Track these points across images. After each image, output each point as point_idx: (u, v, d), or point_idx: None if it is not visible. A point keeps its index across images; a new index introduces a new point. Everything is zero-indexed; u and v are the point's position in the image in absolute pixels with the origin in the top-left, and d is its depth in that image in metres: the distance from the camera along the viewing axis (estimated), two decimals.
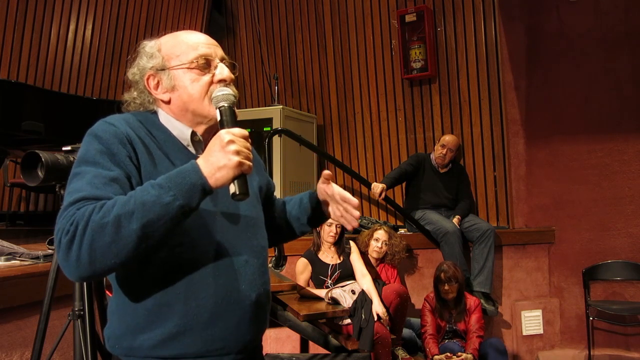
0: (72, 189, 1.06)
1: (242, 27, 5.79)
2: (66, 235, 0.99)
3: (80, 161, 1.10)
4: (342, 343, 3.00)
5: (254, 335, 1.22)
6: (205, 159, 1.04)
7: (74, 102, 3.89)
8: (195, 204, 1.04)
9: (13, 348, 2.15)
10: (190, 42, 1.22)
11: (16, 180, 4.34)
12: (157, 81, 1.22)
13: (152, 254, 1.10)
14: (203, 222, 1.15)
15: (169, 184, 1.01)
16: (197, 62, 1.19)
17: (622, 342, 4.00)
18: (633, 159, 4.08)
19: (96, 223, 0.98)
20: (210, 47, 1.23)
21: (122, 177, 1.09)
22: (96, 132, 1.13)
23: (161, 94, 1.22)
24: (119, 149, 1.10)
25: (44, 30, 4.64)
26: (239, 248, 1.20)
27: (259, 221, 1.30)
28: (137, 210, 0.98)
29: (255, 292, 1.19)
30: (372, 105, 5.10)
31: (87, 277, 1.03)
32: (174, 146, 1.21)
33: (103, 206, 1.00)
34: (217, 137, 1.05)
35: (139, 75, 1.24)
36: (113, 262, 0.99)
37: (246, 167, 1.04)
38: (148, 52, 1.24)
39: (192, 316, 1.12)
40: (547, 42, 4.31)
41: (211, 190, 1.05)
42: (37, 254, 2.41)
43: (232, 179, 1.04)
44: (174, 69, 1.20)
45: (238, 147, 1.03)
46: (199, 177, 1.02)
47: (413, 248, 4.13)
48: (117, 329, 1.16)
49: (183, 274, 1.13)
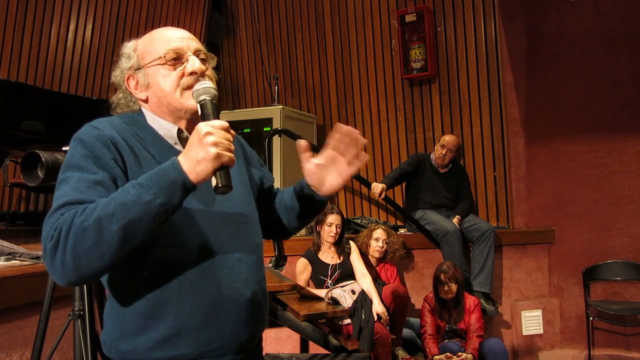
0: (58, 195, 1.06)
1: (242, 27, 5.79)
2: (50, 241, 0.99)
3: (65, 167, 1.10)
4: (342, 343, 3.00)
5: (251, 334, 1.21)
6: (185, 154, 1.03)
7: (74, 102, 3.89)
8: (177, 201, 1.02)
9: (13, 348, 2.15)
10: (162, 38, 1.22)
11: (16, 180, 4.34)
12: (136, 81, 1.23)
13: (144, 255, 1.09)
14: (194, 221, 1.15)
15: (149, 182, 1.00)
16: (166, 56, 1.19)
17: (622, 342, 4.00)
18: (633, 159, 4.08)
19: (78, 227, 0.97)
20: (183, 41, 1.22)
21: (107, 180, 1.08)
22: (80, 137, 1.13)
23: (139, 93, 1.23)
24: (103, 152, 1.10)
25: (44, 30, 4.64)
26: (232, 246, 1.19)
27: (252, 218, 1.28)
28: (117, 211, 0.97)
29: (250, 290, 1.18)
30: (372, 105, 5.10)
31: (75, 282, 1.03)
32: (161, 146, 1.20)
33: (85, 209, 0.99)
34: (195, 131, 1.03)
35: (120, 77, 1.26)
36: (98, 265, 0.99)
37: (226, 158, 1.02)
38: (126, 53, 1.25)
39: (186, 317, 1.11)
40: (547, 42, 4.31)
41: (193, 186, 1.03)
42: (37, 254, 2.41)
43: (212, 171, 1.02)
44: (148, 67, 1.21)
45: (216, 139, 1.01)
46: (179, 174, 1.01)
47: (413, 248, 4.13)
48: (112, 333, 1.16)
49: (176, 274, 1.12)
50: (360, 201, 5.13)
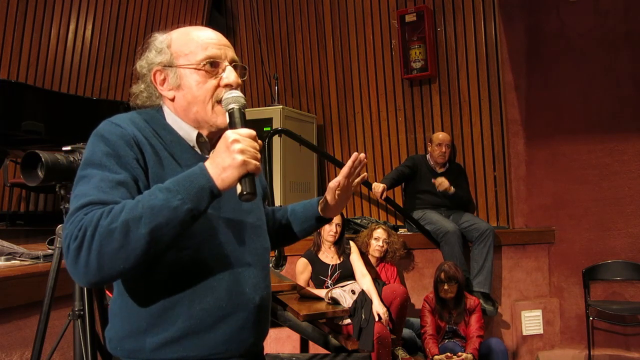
0: (79, 192, 1.04)
1: (242, 27, 5.79)
2: (74, 241, 0.97)
3: (86, 163, 1.08)
4: (342, 343, 3.00)
5: (257, 339, 1.22)
6: (212, 160, 1.04)
7: (74, 102, 3.89)
8: (204, 207, 1.02)
9: (13, 348, 2.15)
10: (200, 41, 1.19)
11: (16, 180, 4.34)
12: (164, 77, 1.20)
13: (159, 258, 1.09)
14: (207, 225, 1.14)
15: (177, 187, 1.00)
16: (204, 64, 1.17)
17: (622, 342, 4.00)
18: (633, 159, 4.08)
19: (104, 228, 0.96)
20: (221, 49, 1.20)
21: (129, 181, 1.07)
22: (102, 133, 1.10)
23: (166, 91, 1.21)
24: (125, 151, 1.08)
25: (44, 30, 4.64)
26: (242, 251, 1.19)
27: (262, 224, 1.29)
28: (145, 214, 0.97)
29: (259, 295, 1.19)
30: (372, 105, 5.10)
31: (96, 283, 1.02)
32: (180, 147, 1.19)
33: (111, 211, 0.98)
34: (223, 138, 1.04)
35: (146, 68, 1.22)
36: (122, 267, 0.98)
37: (252, 166, 1.02)
38: (157, 47, 1.22)
39: (196, 320, 1.12)
40: (547, 42, 4.31)
41: (220, 193, 1.03)
42: (37, 254, 2.41)
43: (238, 178, 1.02)
44: (182, 68, 1.18)
45: (243, 147, 1.01)
46: (207, 180, 1.01)
47: (413, 248, 4.13)
48: (120, 331, 1.15)
49: (188, 277, 1.12)
50: (360, 201, 5.13)
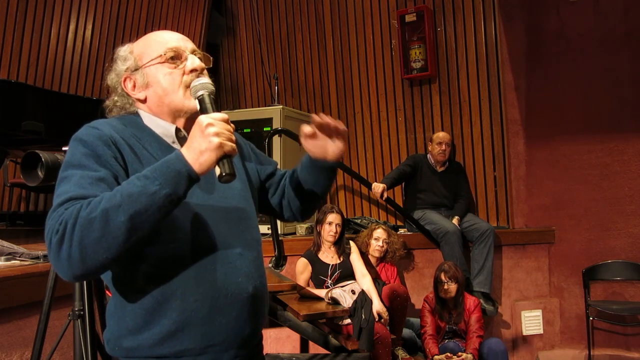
0: (60, 191, 1.07)
1: (242, 27, 5.79)
2: (56, 235, 0.99)
3: (66, 166, 1.11)
4: (342, 343, 3.00)
5: (253, 329, 1.22)
6: (188, 146, 1.06)
7: (74, 102, 3.89)
8: (182, 191, 1.04)
9: (13, 348, 2.16)
10: (159, 39, 1.26)
11: (16, 180, 4.34)
12: (133, 82, 1.25)
13: (147, 252, 1.11)
14: (195, 217, 1.16)
15: (154, 174, 1.02)
16: (166, 54, 1.22)
17: (622, 342, 4.00)
18: (633, 159, 4.08)
19: (84, 219, 0.98)
20: (180, 42, 1.26)
21: (109, 177, 1.09)
22: (80, 137, 1.14)
23: (137, 94, 1.25)
24: (104, 151, 1.12)
25: (44, 30, 4.64)
26: (232, 241, 1.20)
27: (251, 214, 1.30)
28: (124, 202, 0.99)
29: (252, 285, 1.20)
30: (372, 105, 5.10)
31: (80, 276, 1.03)
32: (160, 146, 1.22)
33: (90, 203, 1.00)
34: (197, 123, 1.06)
35: (116, 79, 1.28)
36: (105, 257, 0.99)
37: (228, 147, 1.05)
38: (122, 56, 1.28)
39: (190, 312, 1.12)
40: (547, 42, 4.31)
41: (198, 177, 1.05)
42: (37, 254, 2.41)
43: (215, 161, 1.05)
44: (146, 66, 1.23)
45: (218, 129, 1.04)
46: (183, 165, 1.03)
47: (413, 248, 4.13)
48: (116, 331, 1.16)
49: (178, 270, 1.13)
50: (360, 201, 5.13)
